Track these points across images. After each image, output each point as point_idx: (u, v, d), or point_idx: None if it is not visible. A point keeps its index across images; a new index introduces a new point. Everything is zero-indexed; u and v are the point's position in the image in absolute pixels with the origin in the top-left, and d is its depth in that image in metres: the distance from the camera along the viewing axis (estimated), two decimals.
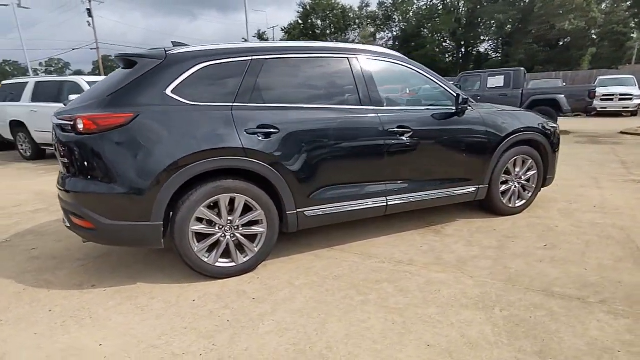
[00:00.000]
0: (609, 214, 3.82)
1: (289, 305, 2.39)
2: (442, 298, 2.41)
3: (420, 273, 2.75)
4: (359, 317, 2.23)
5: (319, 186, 2.90)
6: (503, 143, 3.55)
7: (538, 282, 2.56)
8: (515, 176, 3.80)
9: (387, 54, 3.27)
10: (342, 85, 3.05)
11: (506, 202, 3.80)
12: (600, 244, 3.11)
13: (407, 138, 3.12)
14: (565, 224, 3.58)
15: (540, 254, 2.97)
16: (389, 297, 2.44)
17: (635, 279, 2.54)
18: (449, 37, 45.30)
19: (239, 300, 2.46)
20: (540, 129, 3.78)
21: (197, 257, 2.64)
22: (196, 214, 2.57)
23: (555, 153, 3.95)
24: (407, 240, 3.34)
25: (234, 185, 2.64)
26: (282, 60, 2.88)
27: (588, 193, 4.58)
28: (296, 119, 2.79)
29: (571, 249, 3.04)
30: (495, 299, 2.38)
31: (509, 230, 3.50)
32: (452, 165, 3.42)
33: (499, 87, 10.52)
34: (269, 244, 2.83)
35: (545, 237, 3.29)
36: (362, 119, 3.00)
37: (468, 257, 2.98)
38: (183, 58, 2.63)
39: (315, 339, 2.05)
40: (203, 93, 2.62)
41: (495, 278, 2.63)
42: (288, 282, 2.69)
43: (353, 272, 2.81)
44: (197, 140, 2.50)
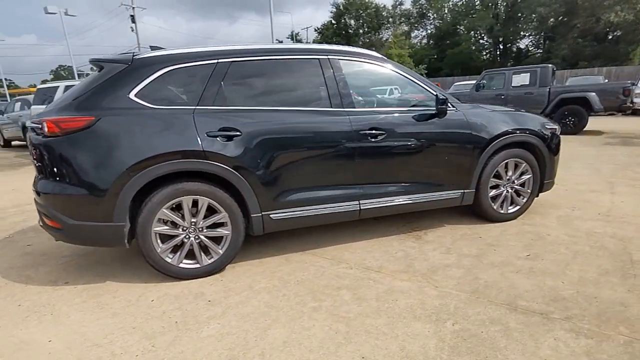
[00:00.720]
0: (613, 222, 3.53)
1: (240, 309, 2.38)
2: (396, 308, 2.31)
3: (384, 281, 2.66)
4: (304, 325, 2.19)
5: (285, 189, 2.87)
6: (490, 145, 3.37)
7: (505, 294, 2.41)
8: (507, 180, 3.60)
9: (362, 53, 3.19)
10: (311, 86, 3.01)
11: (497, 207, 3.60)
12: (589, 255, 2.88)
13: (380, 140, 3.03)
14: (559, 233, 3.34)
15: (519, 264, 2.79)
16: (342, 305, 2.38)
17: (615, 295, 2.33)
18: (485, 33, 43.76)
19: (194, 302, 2.48)
20: (535, 130, 3.55)
21: (161, 258, 2.69)
22: (158, 215, 2.62)
23: (554, 156, 3.70)
24: (384, 246, 3.25)
25: (195, 187, 2.66)
26: (250, 63, 2.87)
27: (597, 199, 4.26)
28: (260, 122, 2.78)
29: (555, 260, 2.84)
30: (452, 311, 2.25)
31: (495, 237, 3.31)
32: (432, 168, 3.29)
33: (524, 86, 10.03)
34: (234, 246, 2.84)
35: (532, 246, 3.09)
36: (331, 120, 2.94)
37: (441, 265, 2.85)
38: (148, 62, 2.68)
39: (252, 344, 2.03)
40: (166, 97, 2.67)
41: (461, 289, 2.50)
42: (249, 285, 2.69)
43: (317, 277, 2.76)
44: (156, 143, 2.54)
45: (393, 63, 3.26)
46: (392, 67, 3.23)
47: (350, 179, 3.04)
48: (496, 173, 3.52)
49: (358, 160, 3.01)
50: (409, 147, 3.15)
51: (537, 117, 3.72)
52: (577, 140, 8.82)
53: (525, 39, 42.75)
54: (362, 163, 3.03)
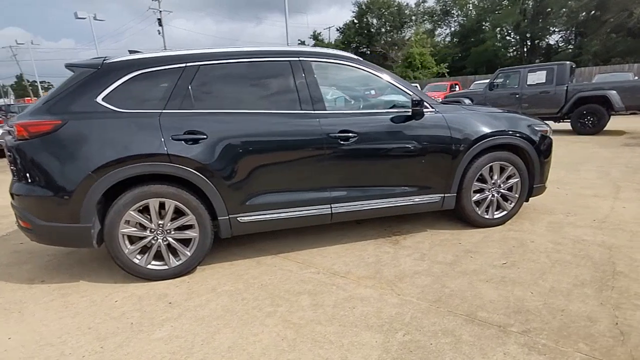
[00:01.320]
0: (606, 229, 3.34)
1: (197, 312, 2.38)
2: (351, 316, 2.26)
3: (348, 287, 2.60)
4: (254, 330, 2.17)
5: (253, 192, 2.86)
6: (472, 148, 3.25)
7: (467, 304, 2.31)
8: (493, 185, 3.46)
9: (336, 55, 3.13)
10: (281, 89, 2.98)
11: (481, 212, 3.47)
12: (569, 265, 2.73)
13: (352, 143, 2.97)
14: (544, 240, 3.19)
15: (492, 273, 2.68)
16: (298, 311, 2.34)
17: (584, 309, 2.20)
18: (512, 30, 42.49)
19: (155, 304, 2.50)
20: (522, 132, 3.40)
21: (129, 259, 2.73)
22: (125, 217, 2.66)
23: (544, 159, 3.53)
24: (359, 250, 3.18)
25: (161, 190, 2.69)
26: (218, 66, 2.87)
27: (597, 204, 4.04)
28: (226, 125, 2.78)
29: (531, 269, 2.70)
30: (407, 321, 2.18)
31: (475, 244, 3.19)
32: (409, 172, 3.19)
33: (540, 84, 9.64)
34: (201, 248, 2.85)
35: (511, 254, 2.96)
36: (300, 123, 2.90)
37: (410, 272, 2.77)
38: (117, 67, 2.73)
39: (197, 349, 2.03)
40: (134, 100, 2.70)
41: (424, 298, 2.42)
42: (212, 288, 2.69)
43: (282, 281, 2.74)
44: (120, 146, 2.58)
45: (369, 64, 3.19)
46: (367, 68, 3.16)
47: (321, 182, 2.99)
48: (480, 177, 3.39)
49: (329, 163, 2.96)
50: (383, 150, 3.08)
51: (526, 119, 3.56)
52: (594, 141, 8.42)
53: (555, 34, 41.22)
54: (333, 166, 2.98)
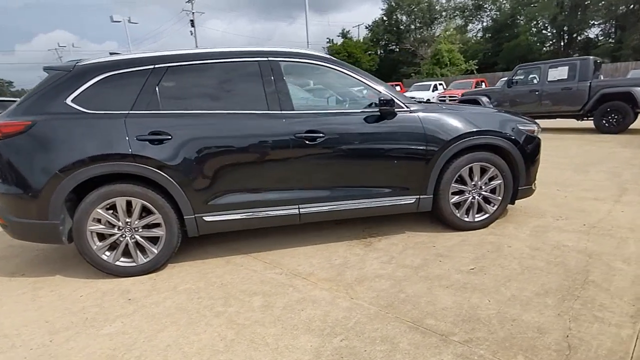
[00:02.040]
0: (594, 235, 3.14)
1: (151, 309, 2.43)
2: (296, 319, 2.24)
3: (304, 289, 2.58)
4: (197, 329, 2.19)
5: (218, 192, 2.88)
6: (448, 149, 3.14)
7: (418, 311, 2.24)
8: (474, 186, 3.33)
9: (306, 54, 3.10)
10: (249, 90, 2.97)
11: (461, 215, 3.35)
12: (539, 272, 2.59)
13: (319, 143, 2.94)
14: (523, 245, 3.04)
15: (455, 278, 2.58)
16: (247, 312, 2.34)
17: (538, 319, 2.08)
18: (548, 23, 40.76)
19: (115, 300, 2.57)
20: (503, 132, 3.25)
21: (97, 255, 2.81)
22: (93, 215, 2.75)
23: (529, 160, 3.36)
24: (329, 252, 3.15)
25: (127, 188, 2.76)
26: (186, 67, 2.91)
27: (595, 207, 3.81)
28: (190, 125, 2.81)
29: (498, 275, 2.59)
30: (350, 326, 2.14)
31: (449, 247, 3.09)
32: (380, 172, 3.13)
33: (562, 80, 9.19)
34: (168, 246, 2.90)
35: (483, 259, 2.84)
36: (265, 123, 2.90)
37: (372, 275, 2.71)
38: (87, 69, 2.82)
39: (137, 346, 2.07)
40: (102, 102, 2.77)
41: (376, 302, 2.36)
42: (174, 286, 2.74)
43: (243, 281, 2.75)
44: (86, 146, 2.66)
45: (342, 64, 3.14)
46: (339, 67, 3.11)
47: (288, 183, 2.98)
48: (459, 178, 3.27)
49: (295, 163, 2.94)
50: (353, 151, 3.03)
51: (511, 118, 3.40)
52: (615, 140, 7.94)
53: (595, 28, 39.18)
54: (301, 167, 2.96)
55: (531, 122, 3.47)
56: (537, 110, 9.64)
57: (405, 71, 41.17)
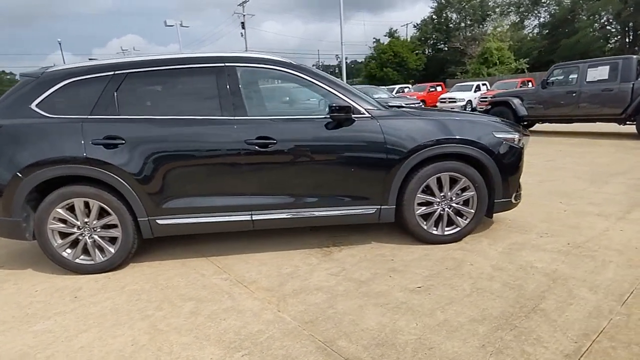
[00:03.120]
0: (573, 256, 2.83)
1: (88, 309, 2.50)
2: (213, 328, 2.21)
3: (239, 297, 2.54)
4: (116, 332, 2.22)
5: (170, 196, 2.91)
6: (411, 157, 2.96)
7: (336, 330, 2.12)
8: (443, 198, 3.12)
9: (264, 59, 3.04)
10: (204, 95, 2.97)
11: (429, 227, 3.15)
12: (488, 295, 2.37)
13: (271, 150, 2.88)
14: (488, 263, 2.80)
15: (395, 297, 2.42)
16: (172, 317, 2.35)
17: (457, 349, 1.89)
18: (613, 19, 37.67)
19: (62, 297, 2.68)
20: (475, 140, 3.01)
21: (57, 252, 2.95)
22: (52, 214, 2.88)
23: (506, 171, 3.09)
24: (285, 259, 3.08)
25: (82, 190, 2.86)
26: (145, 73, 2.97)
27: (591, 224, 3.43)
28: (143, 130, 2.86)
29: (442, 296, 2.40)
30: (260, 341, 2.07)
31: (407, 262, 2.91)
32: (336, 181, 3.01)
33: (602, 81, 8.41)
34: (124, 246, 2.98)
35: (436, 277, 2.65)
36: (216, 129, 2.89)
37: (312, 288, 2.61)
38: (53, 76, 2.96)
39: (54, 345, 2.13)
40: (63, 107, 2.90)
41: (300, 317, 2.27)
42: (123, 285, 2.80)
43: (186, 285, 2.76)
44: (43, 149, 2.80)
45: (302, 68, 3.05)
46: (297, 72, 3.02)
47: (240, 189, 2.95)
48: (427, 189, 3.08)
49: (247, 170, 2.91)
50: (307, 158, 2.94)
51: (488, 124, 3.15)
52: None
53: None
54: (252, 173, 2.92)
55: (512, 130, 3.19)
56: (574, 114, 8.90)
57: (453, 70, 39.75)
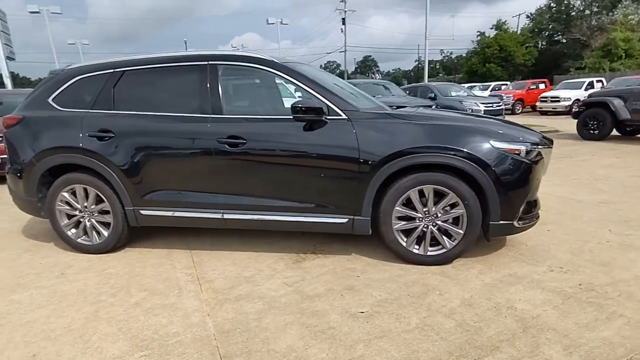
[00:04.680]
0: (575, 301, 2.27)
1: (62, 286, 2.75)
2: (140, 323, 2.26)
3: (185, 295, 2.57)
4: (63, 314, 2.38)
5: (150, 189, 3.06)
6: (386, 165, 2.65)
7: (242, 346, 2.01)
8: (426, 213, 2.75)
9: (244, 57, 2.98)
10: (187, 93, 3.02)
11: (409, 245, 2.80)
12: (430, 335, 2.02)
13: (241, 149, 2.83)
14: (460, 295, 2.39)
15: (328, 319, 2.21)
16: (116, 306, 2.45)
17: None
18: None
19: (52, 272, 2.99)
20: (462, 149, 2.57)
21: (63, 231, 3.32)
22: (59, 197, 3.24)
23: (505, 188, 2.59)
24: (257, 261, 3.03)
25: (81, 177, 3.16)
26: (139, 71, 3.14)
27: (629, 264, 2.72)
28: (129, 125, 3.04)
29: (377, 327, 2.11)
30: (168, 343, 2.06)
31: (371, 280, 2.64)
32: (306, 186, 2.83)
33: None
34: (115, 231, 3.22)
35: (390, 303, 2.35)
36: (190, 127, 2.93)
37: (256, 295, 2.52)
38: (68, 73, 3.30)
39: (10, 317, 2.37)
40: (72, 101, 3.22)
41: (222, 325, 2.20)
42: (105, 268, 3.02)
43: (153, 275, 2.87)
44: (50, 139, 3.15)
45: (282, 66, 2.91)
46: (276, 70, 2.89)
47: (212, 187, 2.97)
48: (407, 202, 2.74)
49: (218, 168, 2.91)
50: (275, 159, 2.83)
51: (486, 131, 2.67)
52: None
53: None
54: (223, 172, 2.92)
55: (518, 140, 2.66)
56: None
57: (571, 65, 34.78)
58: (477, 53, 39.95)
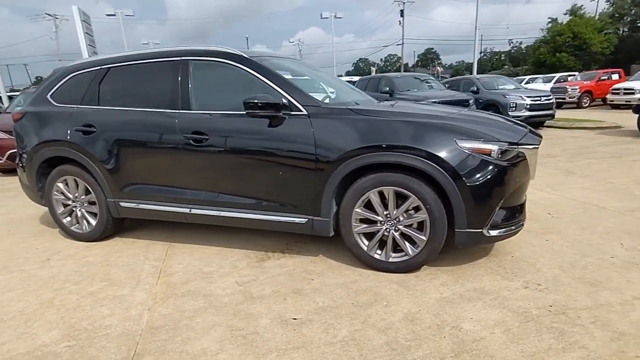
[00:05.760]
0: (536, 324, 1.97)
1: (40, 271, 2.94)
2: (85, 312, 2.34)
3: (140, 287, 2.62)
4: (26, 298, 2.54)
5: (128, 182, 3.16)
6: (342, 165, 2.49)
7: (159, 344, 2.00)
8: (387, 217, 2.54)
9: (214, 52, 2.93)
10: (161, 89, 3.04)
11: (370, 249, 2.62)
12: (348, 353, 1.86)
13: (204, 145, 2.82)
14: (407, 310, 2.18)
15: (257, 324, 2.13)
16: (73, 294, 2.57)
17: None
18: None
19: (41, 257, 3.21)
20: (421, 148, 2.32)
21: (59, 219, 3.55)
22: (54, 187, 3.47)
23: (472, 192, 2.31)
24: (222, 257, 3.02)
25: (70, 169, 3.36)
26: (120, 68, 3.24)
27: (623, 285, 2.31)
28: (109, 120, 3.16)
29: (301, 336, 1.99)
30: (95, 336, 2.10)
31: (322, 286, 2.50)
32: (265, 184, 2.75)
33: None
34: (101, 221, 3.38)
35: (327, 312, 2.21)
36: (161, 122, 2.96)
37: (203, 293, 2.50)
38: (65, 70, 3.50)
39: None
40: (65, 97, 3.41)
41: (154, 322, 2.21)
42: (85, 256, 3.19)
43: (123, 265, 2.97)
44: (44, 132, 3.36)
45: (249, 62, 2.82)
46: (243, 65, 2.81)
47: (181, 182, 2.99)
48: (369, 204, 2.56)
49: (185, 164, 2.93)
50: (235, 156, 2.78)
51: (451, 129, 2.39)
52: None
53: None
54: (189, 168, 2.93)
55: (490, 139, 2.35)
56: None
57: None
58: (546, 42, 36.63)
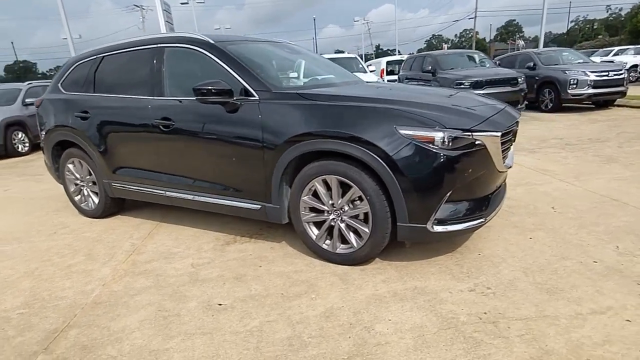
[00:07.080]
0: (459, 331, 1.78)
1: (41, 244, 3.30)
2: (53, 284, 2.59)
3: (108, 263, 2.83)
4: (17, 267, 2.87)
5: (118, 165, 3.39)
6: (286, 152, 2.42)
7: (86, 320, 2.15)
8: (332, 207, 2.44)
9: (186, 38, 2.95)
10: (141, 76, 3.17)
11: (318, 239, 2.54)
12: (244, 344, 1.84)
13: (171, 131, 2.92)
14: (330, 304, 2.10)
15: (182, 307, 2.19)
16: (52, 266, 2.85)
17: None
18: None
19: (49, 230, 3.61)
20: (364, 137, 2.16)
21: (72, 197, 3.94)
22: (65, 168, 3.84)
23: (413, 184, 2.11)
24: (195, 240, 3.14)
25: (76, 152, 3.68)
26: (112, 56, 3.44)
27: (597, 297, 1.98)
28: (97, 106, 3.39)
29: (215, 323, 2.02)
30: (44, 306, 2.33)
31: (265, 273, 2.49)
32: (221, 170, 2.78)
33: None
34: (101, 200, 3.70)
35: (254, 300, 2.21)
36: (138, 109, 3.11)
37: (157, 273, 2.63)
38: (73, 60, 3.81)
39: None
40: (71, 85, 3.72)
41: (99, 297, 2.37)
42: (83, 232, 3.52)
43: (108, 242, 3.23)
44: (54, 118, 3.71)
45: (210, 45, 2.83)
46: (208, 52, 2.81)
47: (156, 165, 3.14)
48: (315, 192, 2.48)
49: (157, 148, 3.06)
50: (196, 142, 2.83)
51: (393, 114, 2.19)
52: None
53: None
54: (161, 152, 3.05)
55: (435, 125, 2.11)
56: None
57: None
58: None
